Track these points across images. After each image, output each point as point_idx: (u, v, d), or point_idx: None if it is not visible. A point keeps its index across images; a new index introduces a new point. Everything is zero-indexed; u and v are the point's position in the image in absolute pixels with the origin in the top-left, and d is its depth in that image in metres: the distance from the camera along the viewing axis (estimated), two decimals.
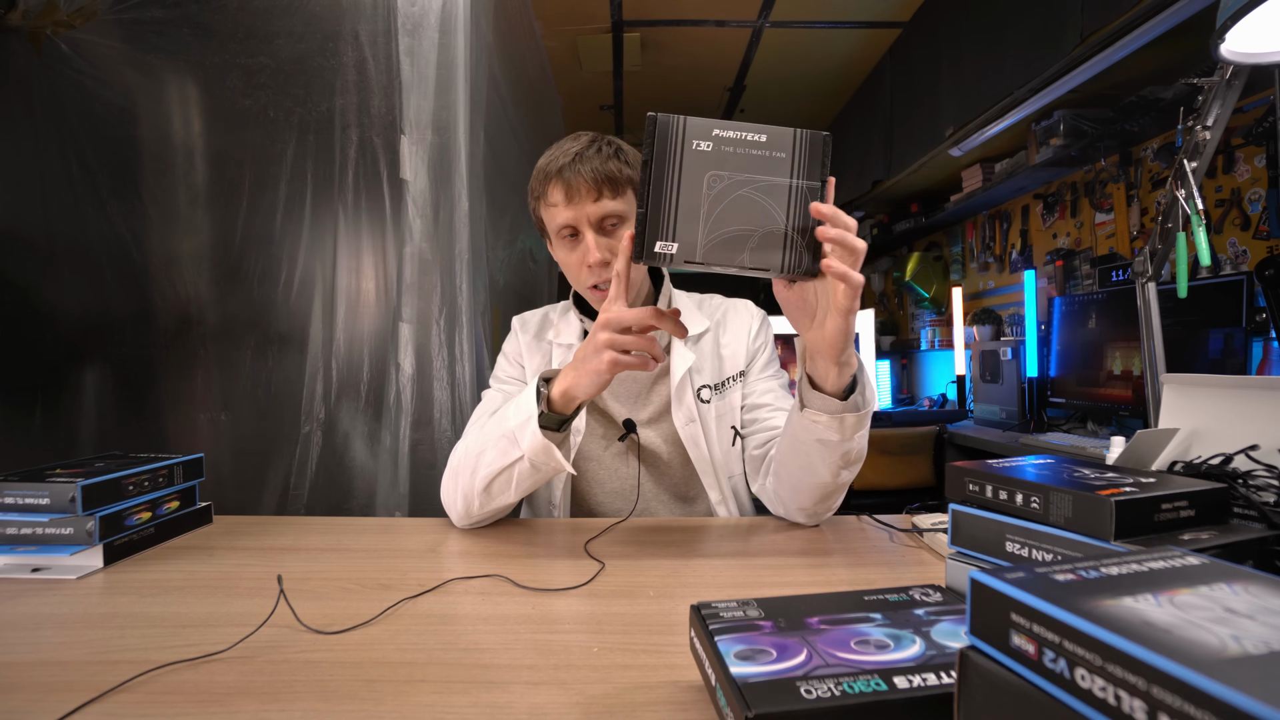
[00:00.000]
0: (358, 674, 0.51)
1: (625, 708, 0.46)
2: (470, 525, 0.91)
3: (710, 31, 2.97)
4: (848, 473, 0.83)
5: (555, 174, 0.92)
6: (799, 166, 0.67)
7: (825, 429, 0.77)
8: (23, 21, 1.31)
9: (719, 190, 0.66)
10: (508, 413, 0.84)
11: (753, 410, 1.03)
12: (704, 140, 0.66)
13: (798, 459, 0.83)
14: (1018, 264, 3.12)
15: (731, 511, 1.02)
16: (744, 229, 0.66)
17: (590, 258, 0.91)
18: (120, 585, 0.71)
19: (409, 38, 1.35)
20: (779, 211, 0.67)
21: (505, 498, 0.85)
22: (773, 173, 0.66)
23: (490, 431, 0.85)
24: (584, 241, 0.93)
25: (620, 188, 0.92)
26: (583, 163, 0.91)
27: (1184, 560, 0.32)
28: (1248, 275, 1.78)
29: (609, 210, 0.92)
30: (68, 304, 1.41)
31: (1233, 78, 1.06)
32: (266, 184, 1.39)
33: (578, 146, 0.93)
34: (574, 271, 0.97)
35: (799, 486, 0.86)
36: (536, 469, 0.81)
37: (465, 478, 0.87)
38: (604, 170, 0.91)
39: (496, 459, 0.82)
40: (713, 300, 1.13)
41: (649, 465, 1.03)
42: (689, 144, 0.66)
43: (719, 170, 0.66)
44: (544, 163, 0.95)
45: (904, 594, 0.50)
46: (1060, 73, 1.91)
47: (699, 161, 0.66)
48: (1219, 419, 0.65)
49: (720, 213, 0.66)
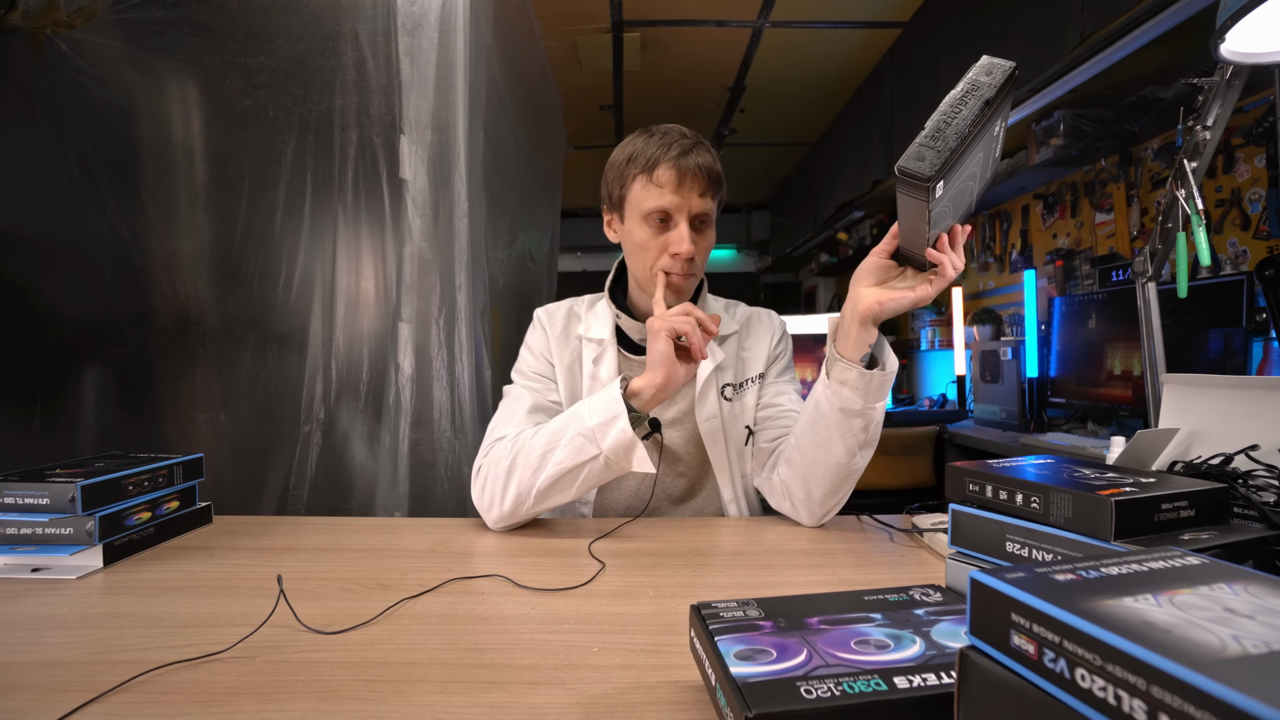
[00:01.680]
0: (358, 674, 0.51)
1: (625, 708, 0.46)
2: (506, 526, 0.91)
3: (710, 31, 2.96)
4: (861, 456, 0.85)
5: (671, 159, 0.93)
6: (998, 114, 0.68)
7: (851, 391, 0.81)
8: (23, 21, 1.30)
9: (972, 166, 0.69)
10: (579, 413, 0.86)
11: (766, 409, 1.05)
12: (1001, 123, 0.70)
13: (816, 435, 0.86)
14: (1018, 264, 3.12)
15: (742, 510, 1.03)
16: (951, 206, 0.71)
17: (683, 248, 0.93)
18: (120, 585, 0.71)
19: (409, 37, 1.35)
20: (963, 202, 0.73)
21: (563, 496, 0.87)
22: (984, 166, 0.72)
23: (560, 431, 0.87)
24: (677, 230, 0.94)
25: (719, 192, 0.97)
26: (698, 156, 0.93)
27: (1184, 560, 0.32)
28: (1248, 275, 1.78)
29: (708, 209, 0.96)
30: (68, 304, 1.41)
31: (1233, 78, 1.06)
32: (266, 184, 1.39)
33: (690, 140, 0.95)
34: (652, 254, 0.97)
35: (812, 469, 0.87)
36: (609, 468, 0.84)
37: (524, 475, 0.87)
38: (714, 170, 0.95)
39: (569, 457, 0.84)
40: (739, 307, 1.16)
41: (667, 464, 1.04)
42: (997, 115, 0.67)
43: (982, 148, 0.68)
44: (649, 144, 0.95)
45: (904, 594, 0.50)
46: (1060, 73, 1.91)
47: (987, 134, 0.67)
48: (1219, 419, 0.65)
49: (957, 186, 0.69)
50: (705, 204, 0.95)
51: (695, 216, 0.95)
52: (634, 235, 0.98)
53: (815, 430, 0.86)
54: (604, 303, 1.08)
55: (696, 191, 0.93)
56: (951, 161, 0.64)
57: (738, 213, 6.10)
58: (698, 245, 0.96)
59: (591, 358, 1.04)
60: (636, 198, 0.96)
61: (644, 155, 0.95)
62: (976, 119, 0.64)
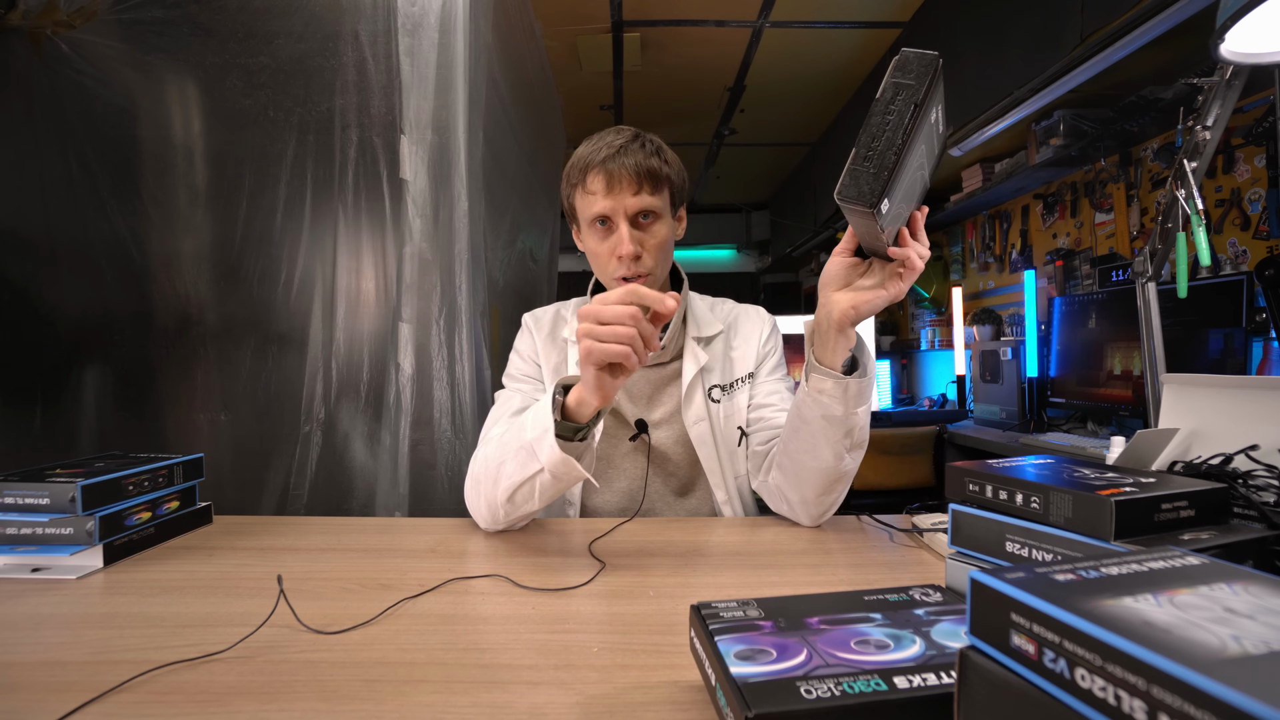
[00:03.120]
0: (358, 674, 0.51)
1: (625, 708, 0.46)
2: (499, 530, 0.90)
3: (710, 31, 2.96)
4: (850, 458, 0.84)
5: (599, 163, 0.93)
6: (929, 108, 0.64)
7: (830, 399, 0.79)
8: (23, 21, 1.31)
9: (916, 160, 0.66)
10: (525, 423, 0.81)
11: (758, 409, 1.04)
12: (937, 109, 0.66)
13: (802, 442, 0.84)
14: (1018, 264, 3.12)
15: (736, 511, 1.03)
16: (902, 210, 0.69)
17: (622, 249, 0.93)
18: (120, 585, 0.71)
19: (409, 38, 1.35)
20: (915, 193, 0.69)
21: (530, 506, 0.84)
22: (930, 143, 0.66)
23: (509, 442, 0.83)
24: (617, 232, 0.94)
25: (659, 185, 0.95)
26: (627, 155, 0.92)
27: (1184, 560, 0.32)
28: (1248, 275, 1.78)
29: (646, 205, 0.94)
30: (68, 304, 1.41)
31: (1233, 78, 1.06)
32: (266, 184, 1.39)
33: (621, 140, 0.94)
34: (603, 261, 0.97)
35: (801, 474, 0.87)
36: (558, 479, 0.79)
37: (488, 488, 0.85)
38: (646, 165, 0.93)
39: (517, 471, 0.81)
40: (724, 304, 1.14)
41: (657, 465, 1.03)
42: (929, 110, 0.63)
43: (923, 140, 0.65)
44: (585, 152, 0.96)
45: (904, 594, 0.50)
46: (1060, 73, 1.91)
47: (924, 128, 0.63)
48: (1219, 419, 0.65)
49: (905, 187, 0.67)
50: (642, 201, 0.93)
51: (635, 214, 0.94)
52: (588, 244, 0.99)
53: (800, 437, 0.85)
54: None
55: (630, 190, 0.92)
56: (891, 177, 0.61)
57: (737, 213, 6.10)
58: (645, 243, 0.94)
59: (574, 359, 1.04)
60: (580, 208, 0.98)
61: (578, 165, 0.96)
62: (908, 125, 0.61)
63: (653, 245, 0.96)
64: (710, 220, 6.09)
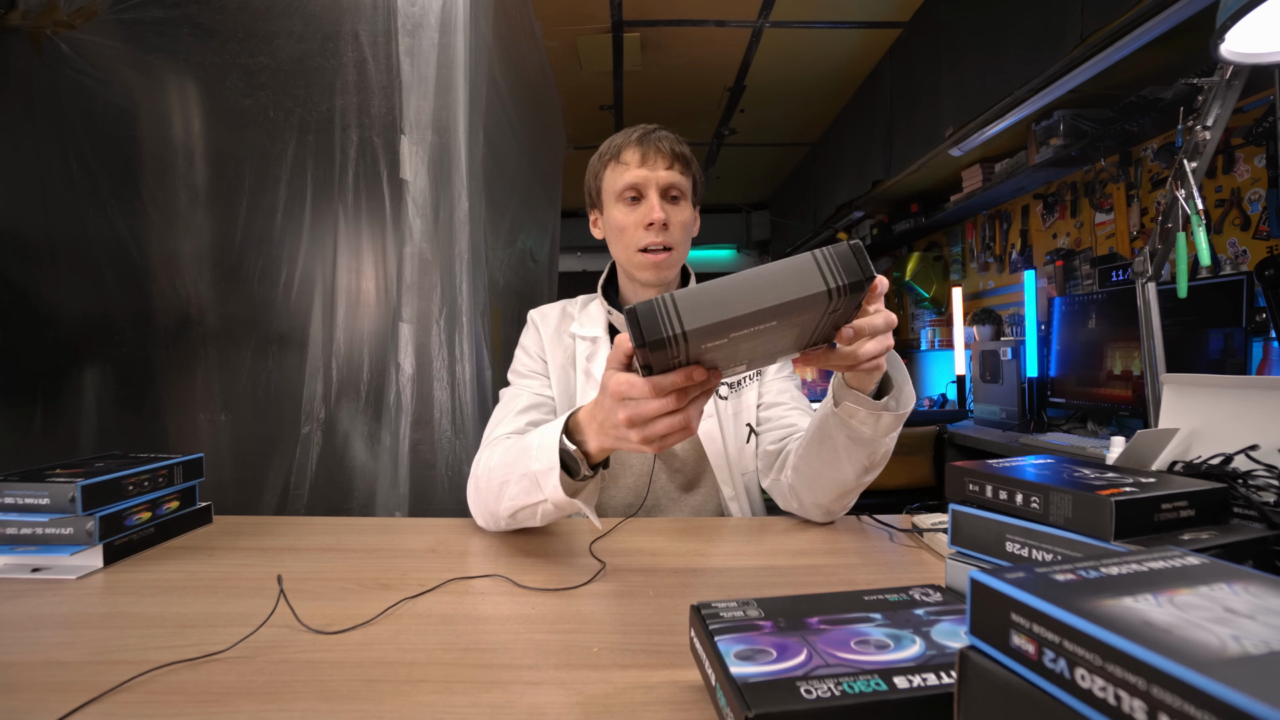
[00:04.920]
0: (358, 674, 0.51)
1: (625, 708, 0.46)
2: (500, 532, 0.90)
3: (710, 31, 2.96)
4: (869, 476, 0.83)
5: (634, 141, 0.99)
6: (833, 285, 0.48)
7: (861, 424, 0.76)
8: (23, 21, 1.30)
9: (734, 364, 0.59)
10: (531, 447, 0.75)
11: (769, 409, 1.04)
12: (715, 340, 0.50)
13: (824, 455, 0.83)
14: (1018, 264, 3.12)
15: (744, 508, 1.03)
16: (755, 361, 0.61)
17: (654, 215, 0.97)
18: (120, 585, 0.71)
19: (409, 38, 1.35)
20: (804, 334, 0.57)
21: (531, 524, 0.82)
22: (807, 310, 0.50)
23: (513, 463, 0.78)
24: (647, 201, 0.98)
25: (687, 168, 1.02)
26: (660, 137, 1.00)
27: (1184, 560, 0.32)
28: (1248, 275, 1.78)
29: (676, 181, 0.99)
30: (68, 304, 1.41)
31: (1233, 78, 1.06)
32: (266, 184, 1.39)
33: (653, 127, 1.02)
34: (630, 233, 1.00)
35: (818, 482, 0.86)
36: (561, 510, 0.75)
37: (490, 500, 0.83)
38: (678, 148, 1.00)
39: (520, 495, 0.77)
40: None
41: (663, 460, 1.04)
42: (692, 347, 0.50)
43: (733, 352, 0.54)
44: (618, 137, 1.03)
45: (904, 594, 0.50)
46: (1060, 73, 1.91)
47: (713, 354, 0.53)
48: (1219, 419, 0.65)
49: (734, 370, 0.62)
50: (673, 176, 0.99)
51: (665, 189, 0.98)
52: (613, 220, 1.02)
53: (823, 450, 0.83)
54: (597, 301, 1.09)
55: (663, 164, 0.98)
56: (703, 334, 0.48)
57: (738, 213, 6.10)
58: (672, 218, 0.99)
59: (585, 355, 1.04)
60: (609, 183, 1.02)
61: (611, 146, 1.03)
62: (760, 314, 0.48)
63: (678, 222, 1.00)
64: (710, 220, 6.09)
